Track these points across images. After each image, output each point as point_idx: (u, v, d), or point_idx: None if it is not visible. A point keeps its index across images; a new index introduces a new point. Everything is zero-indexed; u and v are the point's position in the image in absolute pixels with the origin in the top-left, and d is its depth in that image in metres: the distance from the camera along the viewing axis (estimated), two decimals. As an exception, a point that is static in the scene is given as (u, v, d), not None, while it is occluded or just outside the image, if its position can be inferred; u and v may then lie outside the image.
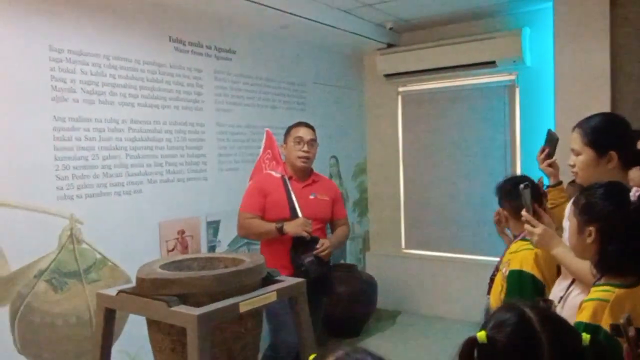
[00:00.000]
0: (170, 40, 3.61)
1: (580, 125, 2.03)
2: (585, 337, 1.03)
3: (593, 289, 1.58)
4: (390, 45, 5.16)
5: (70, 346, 2.97)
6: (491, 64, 4.59)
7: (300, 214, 2.97)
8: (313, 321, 2.52)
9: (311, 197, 3.11)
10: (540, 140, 4.32)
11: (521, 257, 2.32)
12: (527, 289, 2.24)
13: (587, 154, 1.97)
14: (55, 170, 2.96)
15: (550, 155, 2.62)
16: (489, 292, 2.59)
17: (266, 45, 4.37)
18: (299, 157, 3.09)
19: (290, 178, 3.10)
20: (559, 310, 1.87)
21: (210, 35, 3.89)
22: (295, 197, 3.01)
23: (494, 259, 2.73)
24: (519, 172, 4.54)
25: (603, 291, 1.52)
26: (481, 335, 1.04)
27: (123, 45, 3.31)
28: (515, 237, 2.53)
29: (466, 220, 4.89)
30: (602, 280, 1.57)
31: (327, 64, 5.07)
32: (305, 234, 2.91)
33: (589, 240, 1.59)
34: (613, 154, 1.93)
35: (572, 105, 4.07)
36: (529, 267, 2.26)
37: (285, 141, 3.19)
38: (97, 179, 3.16)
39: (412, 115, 5.32)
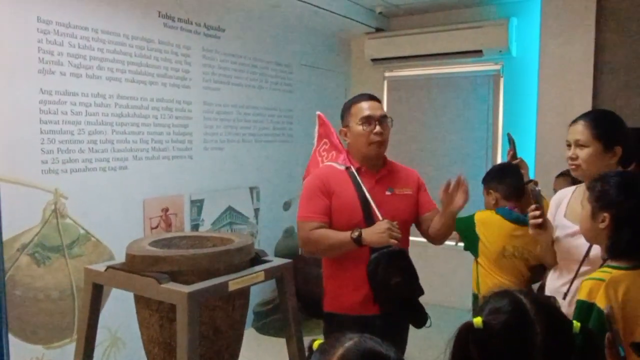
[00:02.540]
0: (159, 16, 3.57)
1: (585, 118, 2.01)
2: (576, 324, 1.07)
3: (595, 272, 1.68)
4: (378, 30, 5.17)
5: (51, 320, 2.97)
6: (477, 52, 4.63)
7: (379, 216, 2.19)
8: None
9: (388, 193, 2.30)
10: (523, 131, 4.42)
11: (479, 215, 2.72)
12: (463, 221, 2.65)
13: (594, 147, 1.95)
14: (41, 144, 2.93)
15: (514, 156, 2.75)
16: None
17: (255, 25, 4.35)
18: (372, 143, 2.26)
19: (358, 170, 2.30)
20: (565, 305, 1.92)
21: (199, 12, 3.85)
22: (370, 195, 2.24)
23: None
24: (499, 161, 4.62)
25: (602, 272, 1.63)
26: (477, 321, 1.08)
27: (112, 19, 3.27)
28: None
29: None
30: (605, 264, 1.67)
31: (314, 46, 5.06)
32: (393, 242, 2.09)
33: (602, 225, 1.66)
34: (618, 149, 1.96)
35: (554, 96, 4.16)
36: (478, 215, 2.71)
37: (345, 124, 2.35)
38: (83, 153, 3.13)
39: (397, 101, 5.35)
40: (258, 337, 4.12)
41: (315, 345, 0.98)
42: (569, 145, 2.04)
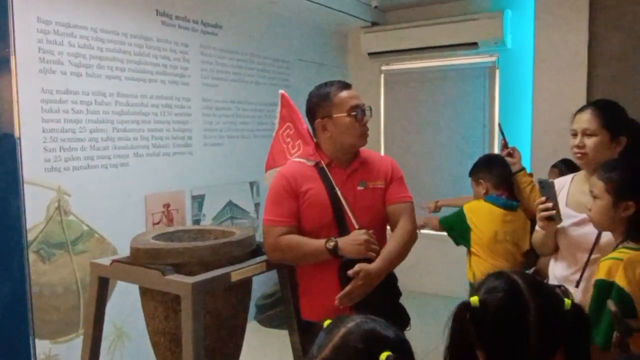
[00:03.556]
0: (157, 14, 3.60)
1: (593, 107, 2.02)
2: (567, 302, 1.13)
3: (612, 252, 1.77)
4: (374, 24, 5.21)
5: (57, 315, 3.02)
6: (473, 45, 4.68)
7: (353, 220, 2.04)
8: None
9: (360, 188, 2.11)
10: (519, 122, 4.47)
11: (469, 204, 2.80)
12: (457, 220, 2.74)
13: (602, 136, 1.96)
14: (43, 142, 2.97)
15: (506, 145, 2.79)
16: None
17: (252, 21, 4.38)
18: (362, 134, 2.12)
19: (328, 165, 2.12)
20: (578, 292, 1.96)
21: (197, 9, 3.88)
22: (341, 192, 2.07)
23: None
24: (496, 152, 4.67)
25: (619, 252, 1.73)
26: (474, 299, 1.14)
27: (110, 18, 3.30)
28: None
29: (445, 195, 5.01)
30: (620, 246, 1.76)
31: (311, 41, 5.10)
32: (372, 255, 1.97)
33: (626, 213, 1.75)
34: (623, 139, 1.99)
35: (549, 87, 4.21)
36: (469, 205, 2.78)
37: (325, 115, 2.10)
38: (84, 151, 3.18)
39: (394, 94, 5.39)
40: (261, 329, 4.18)
41: (325, 325, 1.03)
42: (574, 135, 2.04)
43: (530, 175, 2.78)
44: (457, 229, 2.74)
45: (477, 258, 2.66)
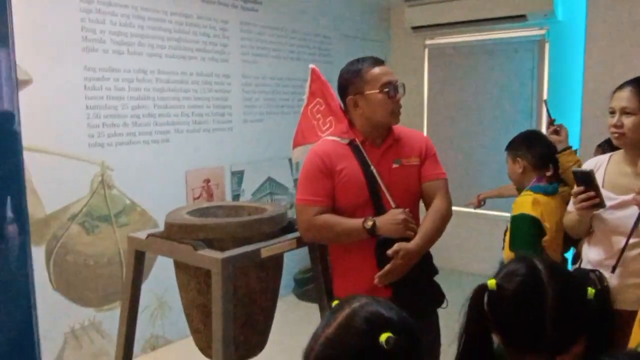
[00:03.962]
0: (197, -9, 3.63)
1: (633, 84, 1.91)
2: (590, 291, 1.08)
3: None
4: (418, -3, 5.07)
5: (101, 285, 3.15)
6: (521, 17, 4.49)
7: (389, 198, 2.00)
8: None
9: (395, 165, 2.05)
10: (569, 99, 4.30)
11: (520, 202, 2.42)
12: (527, 230, 2.32)
13: None
14: (87, 119, 3.07)
15: (552, 122, 2.66)
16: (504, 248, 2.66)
17: (292, -4, 4.36)
18: (394, 112, 2.04)
19: (362, 143, 2.05)
20: (614, 277, 1.90)
21: (236, -15, 3.89)
22: (376, 171, 2.01)
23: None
24: (544, 130, 4.51)
25: None
26: (491, 282, 1.11)
27: (151, -4, 3.35)
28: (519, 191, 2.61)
29: (490, 176, 4.90)
30: None
31: (353, 15, 5.03)
32: (410, 234, 1.94)
33: None
34: None
35: (601, 62, 4.02)
36: (528, 210, 2.34)
37: (356, 92, 2.04)
38: (127, 127, 3.26)
39: (439, 69, 5.27)
40: (298, 303, 4.24)
41: (333, 304, 1.04)
42: (612, 113, 1.94)
43: (575, 152, 2.66)
44: (536, 242, 2.39)
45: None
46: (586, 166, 2.11)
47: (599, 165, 2.06)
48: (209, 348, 2.03)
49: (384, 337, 0.89)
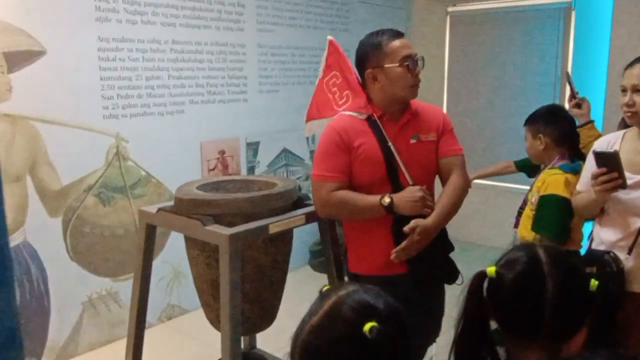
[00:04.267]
0: (211, -42, 3.56)
1: None
2: (593, 283, 1.05)
3: None
4: (440, -38, 4.92)
5: (117, 255, 3.20)
6: (547, -17, 4.33)
7: (407, 175, 1.99)
8: (428, 322, 2.04)
9: (413, 141, 2.04)
10: (595, 70, 4.15)
11: (552, 181, 2.34)
12: (558, 212, 2.26)
13: None
14: (101, 90, 3.07)
15: (574, 95, 2.57)
16: (516, 226, 2.61)
17: (309, -38, 4.25)
18: (413, 85, 2.00)
19: (380, 118, 2.03)
20: (631, 260, 1.86)
21: (251, -48, 3.80)
22: (394, 147, 1.99)
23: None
24: (566, 104, 4.39)
25: None
26: (490, 270, 1.09)
27: (164, -36, 3.30)
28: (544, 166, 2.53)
29: (511, 148, 4.81)
30: None
31: (372, -18, 4.90)
32: (427, 211, 1.95)
33: None
34: None
35: (629, 31, 3.86)
36: (561, 191, 2.28)
37: (376, 65, 2.00)
38: (141, 99, 3.26)
39: (460, 38, 5.13)
40: (313, 274, 4.27)
41: (323, 289, 1.03)
42: (624, 91, 1.87)
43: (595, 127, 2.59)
44: (565, 225, 2.33)
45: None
46: (599, 144, 2.04)
47: (612, 143, 1.99)
48: (219, 322, 2.05)
49: (367, 326, 0.88)
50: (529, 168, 2.88)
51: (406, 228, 1.90)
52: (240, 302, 1.99)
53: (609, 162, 1.81)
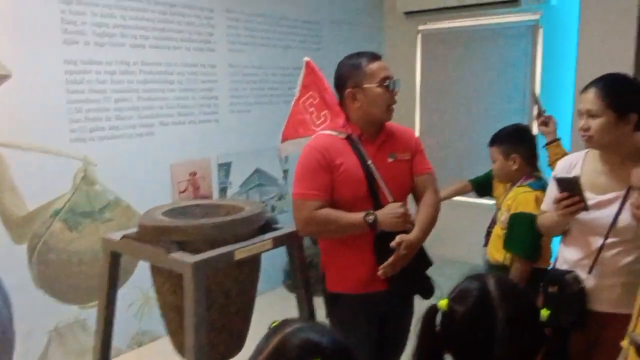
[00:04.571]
0: (180, -20, 3.55)
1: (596, 86, 1.87)
2: (544, 313, 1.06)
3: None
4: (410, -18, 4.97)
5: (85, 282, 3.14)
6: (514, 2, 4.40)
7: (387, 192, 2.06)
8: (399, 335, 2.22)
9: (390, 160, 2.12)
10: (564, 85, 4.22)
11: (522, 199, 2.38)
12: (529, 230, 2.29)
13: (607, 117, 1.82)
14: (68, 113, 3.03)
15: (540, 113, 2.62)
16: (485, 244, 2.62)
17: (280, -17, 4.27)
18: (390, 106, 2.09)
19: (359, 137, 2.10)
20: (590, 279, 1.88)
21: (222, -27, 3.81)
22: (373, 165, 2.07)
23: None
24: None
25: None
26: (443, 303, 1.10)
27: (132, -14, 3.28)
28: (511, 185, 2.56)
29: (482, 165, 4.85)
30: None
31: (344, 1, 4.93)
32: (409, 227, 2.04)
33: None
34: (634, 116, 1.83)
35: (595, 48, 3.94)
36: (531, 208, 2.32)
37: (355, 85, 2.07)
38: (109, 121, 3.22)
39: (432, 56, 5.19)
40: (288, 295, 4.21)
41: (272, 326, 1.01)
42: (580, 115, 1.90)
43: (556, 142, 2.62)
44: (536, 242, 2.37)
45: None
46: (562, 164, 2.08)
47: (574, 163, 2.02)
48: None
49: None
50: (482, 187, 2.94)
51: (393, 243, 1.96)
52: (207, 330, 1.95)
53: (570, 187, 1.85)
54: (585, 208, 1.84)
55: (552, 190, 2.00)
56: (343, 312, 2.13)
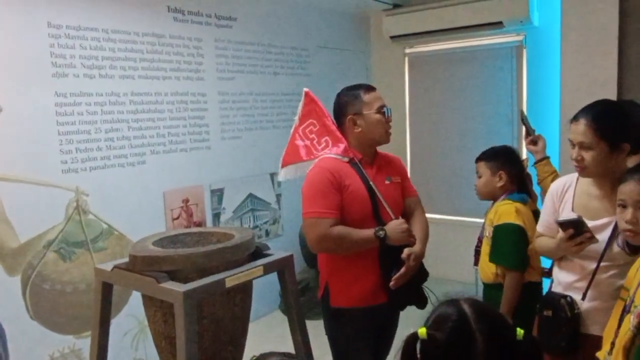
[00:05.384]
0: (169, 11, 3.62)
1: (587, 117, 1.86)
2: (519, 332, 1.08)
3: None
4: (396, 6, 5.08)
5: (80, 311, 3.14)
6: (498, 24, 4.50)
7: (389, 210, 2.28)
8: (388, 344, 2.46)
9: (387, 182, 2.36)
10: (549, 103, 4.29)
11: (504, 211, 2.45)
12: (514, 240, 2.34)
13: (600, 148, 1.83)
14: (59, 145, 3.06)
15: (529, 132, 2.67)
16: (476, 263, 2.65)
17: (268, 10, 4.35)
18: (387, 131, 2.35)
19: (360, 161, 2.33)
20: (586, 303, 1.91)
21: (210, 2, 3.88)
22: (375, 186, 2.29)
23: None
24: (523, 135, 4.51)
25: None
26: (422, 331, 1.11)
27: (121, 18, 3.34)
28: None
29: (472, 184, 4.89)
30: None
31: (331, 26, 5.03)
32: (413, 241, 2.28)
33: None
34: (626, 145, 1.85)
35: (577, 66, 4.03)
36: (513, 219, 2.38)
37: (355, 112, 2.31)
38: (101, 151, 3.25)
39: (419, 78, 5.27)
40: (284, 318, 4.22)
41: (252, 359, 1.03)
42: (572, 145, 1.92)
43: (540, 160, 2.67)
44: (522, 252, 2.42)
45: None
46: (555, 186, 2.10)
47: (567, 185, 2.04)
48: (178, 380, 2.02)
49: None
50: None
51: (404, 255, 2.20)
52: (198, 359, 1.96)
53: (575, 226, 1.86)
54: (596, 240, 1.85)
55: (549, 208, 2.04)
56: (347, 325, 2.30)
